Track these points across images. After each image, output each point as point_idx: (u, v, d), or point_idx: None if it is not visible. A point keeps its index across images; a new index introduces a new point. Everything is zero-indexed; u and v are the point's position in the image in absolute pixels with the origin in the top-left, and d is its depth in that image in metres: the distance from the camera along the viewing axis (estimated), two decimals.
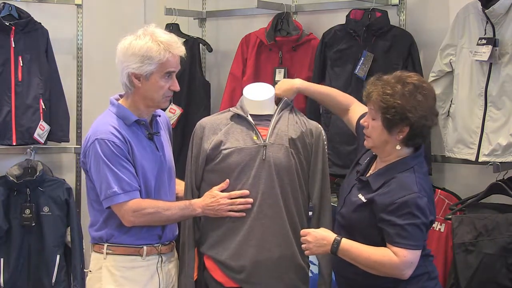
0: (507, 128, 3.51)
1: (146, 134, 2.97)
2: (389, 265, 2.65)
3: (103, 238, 2.94)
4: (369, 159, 2.90)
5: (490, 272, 3.28)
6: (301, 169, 3.01)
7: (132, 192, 2.86)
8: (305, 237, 2.79)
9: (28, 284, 4.32)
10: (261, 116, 3.03)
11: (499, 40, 3.52)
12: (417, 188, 2.68)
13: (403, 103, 2.68)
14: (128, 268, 2.93)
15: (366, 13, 4.04)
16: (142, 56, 2.85)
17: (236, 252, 2.96)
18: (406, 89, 2.70)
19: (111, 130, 2.87)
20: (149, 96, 2.92)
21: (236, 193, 2.93)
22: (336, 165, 3.90)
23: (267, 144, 2.96)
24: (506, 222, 3.31)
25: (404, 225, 2.64)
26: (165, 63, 2.87)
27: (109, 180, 2.84)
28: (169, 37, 2.92)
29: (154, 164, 2.95)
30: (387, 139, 2.75)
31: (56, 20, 4.65)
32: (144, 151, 2.93)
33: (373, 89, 2.76)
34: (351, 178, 2.91)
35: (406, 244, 2.64)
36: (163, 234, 2.99)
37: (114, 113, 2.94)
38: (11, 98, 4.31)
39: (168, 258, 3.04)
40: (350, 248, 2.71)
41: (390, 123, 2.71)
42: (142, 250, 2.94)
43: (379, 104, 2.72)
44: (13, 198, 4.28)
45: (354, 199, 2.79)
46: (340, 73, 4.08)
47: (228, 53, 4.78)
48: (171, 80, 2.93)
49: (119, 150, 2.85)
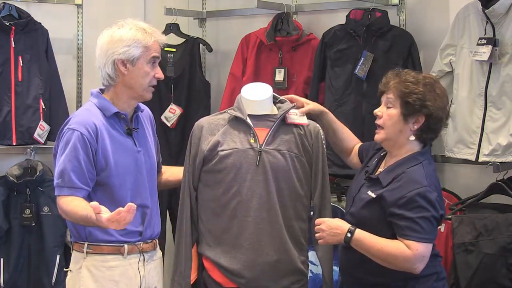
0: (507, 128, 3.52)
1: (125, 129, 2.93)
2: (401, 258, 2.66)
3: (82, 236, 2.89)
4: (377, 160, 2.91)
5: (490, 272, 3.28)
6: (303, 172, 3.00)
7: (75, 189, 2.80)
8: (319, 226, 2.78)
9: (28, 284, 4.32)
10: (259, 116, 3.02)
11: (499, 40, 3.52)
12: (427, 182, 2.70)
13: (425, 91, 2.75)
14: (108, 267, 2.89)
15: (366, 13, 4.05)
16: (128, 39, 2.87)
17: (234, 256, 2.96)
18: (427, 81, 2.78)
19: (87, 121, 2.85)
20: (134, 84, 2.90)
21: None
22: (336, 165, 3.90)
23: (263, 150, 2.95)
24: (506, 222, 3.31)
25: (415, 218, 2.65)
26: (150, 47, 2.89)
27: (62, 170, 2.81)
28: (150, 26, 2.96)
29: (131, 160, 2.92)
30: (402, 129, 2.77)
31: (56, 20, 4.65)
32: (119, 146, 2.90)
33: (392, 79, 2.81)
34: (360, 178, 2.92)
35: (418, 237, 2.65)
36: (144, 231, 2.94)
37: (95, 103, 2.93)
38: (11, 98, 4.31)
39: (151, 257, 3.00)
40: (363, 239, 2.71)
41: (409, 109, 2.74)
42: (123, 249, 2.90)
43: (400, 89, 2.76)
44: (13, 198, 4.28)
45: (363, 196, 2.80)
46: (340, 73, 4.08)
47: (228, 53, 4.78)
48: (156, 68, 2.93)
49: (84, 144, 2.81)
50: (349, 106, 4.03)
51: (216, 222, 2.99)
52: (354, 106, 4.01)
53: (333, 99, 4.08)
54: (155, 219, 3.03)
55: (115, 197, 2.88)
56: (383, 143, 2.86)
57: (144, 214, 2.95)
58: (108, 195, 2.87)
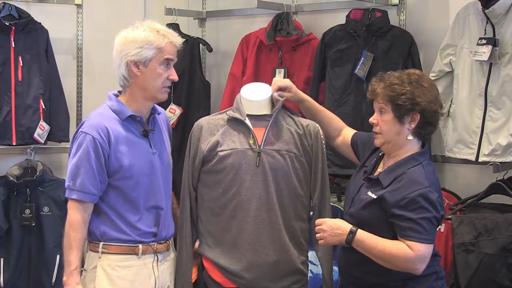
0: (507, 128, 3.52)
1: (140, 130, 2.95)
2: (403, 258, 2.66)
3: (96, 235, 2.93)
4: (376, 160, 2.91)
5: (490, 272, 3.28)
6: (302, 173, 3.00)
7: (84, 194, 2.85)
8: (320, 226, 2.78)
9: (28, 284, 4.32)
10: (259, 117, 3.02)
11: (499, 40, 3.52)
12: (428, 182, 2.70)
13: (412, 89, 2.74)
14: (123, 267, 2.92)
15: (366, 13, 4.05)
16: (141, 41, 2.89)
17: (233, 256, 2.96)
18: (412, 78, 2.78)
19: (99, 125, 2.88)
20: (147, 86, 2.92)
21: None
22: (336, 165, 3.90)
23: (262, 150, 2.95)
24: (506, 222, 3.31)
25: (417, 219, 2.65)
26: (163, 48, 2.90)
27: (73, 173, 2.87)
28: (166, 27, 2.98)
29: (146, 162, 2.94)
30: (399, 130, 2.78)
31: (56, 20, 4.65)
32: (134, 148, 2.92)
33: (377, 85, 2.80)
34: (358, 178, 2.92)
35: (420, 238, 2.65)
36: (159, 232, 2.97)
37: (110, 106, 2.95)
38: (11, 98, 4.31)
39: (164, 257, 3.02)
40: (365, 240, 2.71)
41: (401, 110, 2.74)
42: (138, 249, 2.92)
43: (387, 94, 2.75)
44: (13, 198, 4.28)
45: (363, 197, 2.80)
46: (340, 73, 4.08)
47: (228, 53, 4.78)
48: (170, 70, 2.94)
49: (96, 148, 2.85)
50: (349, 106, 4.03)
51: (215, 223, 2.99)
52: (354, 106, 4.01)
53: (333, 99, 4.08)
54: (169, 220, 3.05)
55: (128, 199, 2.92)
56: (383, 147, 2.86)
57: (158, 216, 2.97)
58: (122, 197, 2.91)
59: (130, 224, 2.92)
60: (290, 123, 3.04)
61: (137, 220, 2.92)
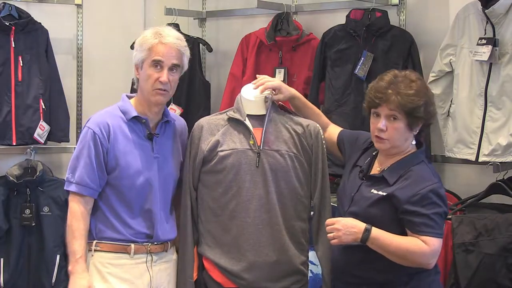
0: (507, 128, 3.52)
1: (145, 133, 2.96)
2: (419, 253, 2.68)
3: (92, 233, 2.93)
4: (370, 159, 2.91)
5: (490, 272, 3.28)
6: (302, 173, 3.00)
7: (82, 186, 2.89)
8: (334, 225, 2.74)
9: (28, 284, 4.32)
10: (259, 117, 3.02)
11: (499, 40, 3.52)
12: (436, 178, 2.75)
13: (426, 99, 2.77)
14: (114, 265, 2.92)
15: (366, 13, 4.05)
16: (138, 43, 2.95)
17: (233, 256, 2.96)
18: (420, 84, 2.79)
19: (101, 121, 2.92)
20: (143, 88, 2.95)
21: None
22: (336, 165, 3.88)
23: (262, 151, 2.95)
24: (506, 222, 3.31)
25: (430, 215, 2.68)
26: (152, 49, 2.89)
27: (73, 165, 2.92)
28: (166, 29, 2.97)
29: (145, 164, 2.94)
30: (408, 137, 2.80)
31: (56, 20, 4.65)
32: (134, 149, 2.93)
33: (389, 91, 2.75)
34: (353, 178, 2.91)
35: (434, 233, 2.68)
36: (154, 235, 2.96)
37: (119, 106, 2.99)
38: (11, 98, 4.31)
39: (161, 258, 3.01)
40: (380, 237, 2.71)
41: (416, 121, 2.76)
42: (130, 248, 2.92)
43: (405, 105, 2.72)
44: (13, 198, 4.28)
45: (367, 195, 2.80)
46: (340, 73, 4.08)
47: (228, 53, 4.78)
48: (161, 72, 2.90)
49: (95, 143, 2.88)
50: (349, 106, 4.03)
51: (215, 223, 2.99)
52: (354, 106, 4.00)
53: (333, 99, 4.08)
54: (167, 225, 3.02)
55: (124, 198, 2.93)
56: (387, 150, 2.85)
57: (153, 219, 2.96)
58: (118, 196, 2.93)
59: (124, 223, 2.92)
60: (289, 123, 3.04)
61: (132, 220, 2.93)
